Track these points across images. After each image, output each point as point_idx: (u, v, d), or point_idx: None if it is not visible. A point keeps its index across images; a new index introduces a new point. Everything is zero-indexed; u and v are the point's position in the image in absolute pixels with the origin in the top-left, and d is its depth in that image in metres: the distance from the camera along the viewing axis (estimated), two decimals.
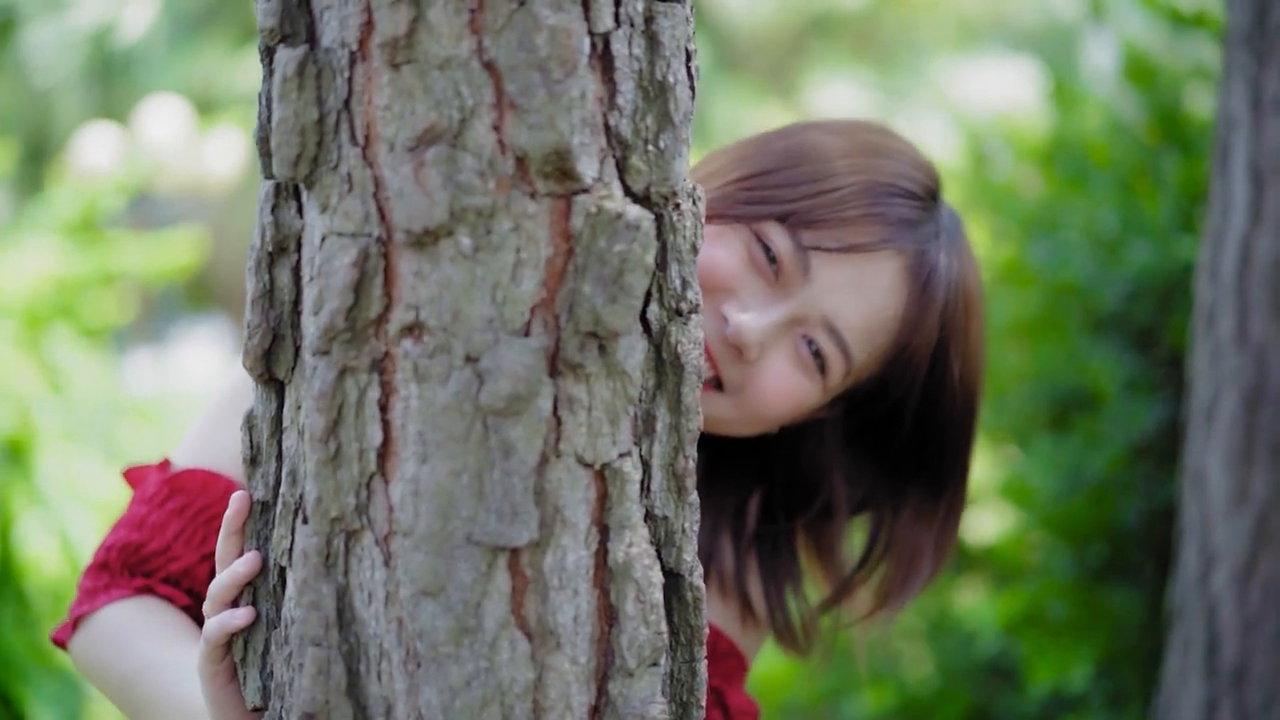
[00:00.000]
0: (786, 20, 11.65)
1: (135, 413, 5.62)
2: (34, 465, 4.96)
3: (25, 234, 5.50)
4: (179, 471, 2.03)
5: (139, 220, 7.12)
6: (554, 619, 1.58)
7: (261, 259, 1.66)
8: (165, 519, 2.00)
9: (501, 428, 1.55)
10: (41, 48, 10.48)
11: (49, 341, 5.27)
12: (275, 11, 1.61)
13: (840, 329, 2.00)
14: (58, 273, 5.32)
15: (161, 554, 1.99)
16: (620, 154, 1.60)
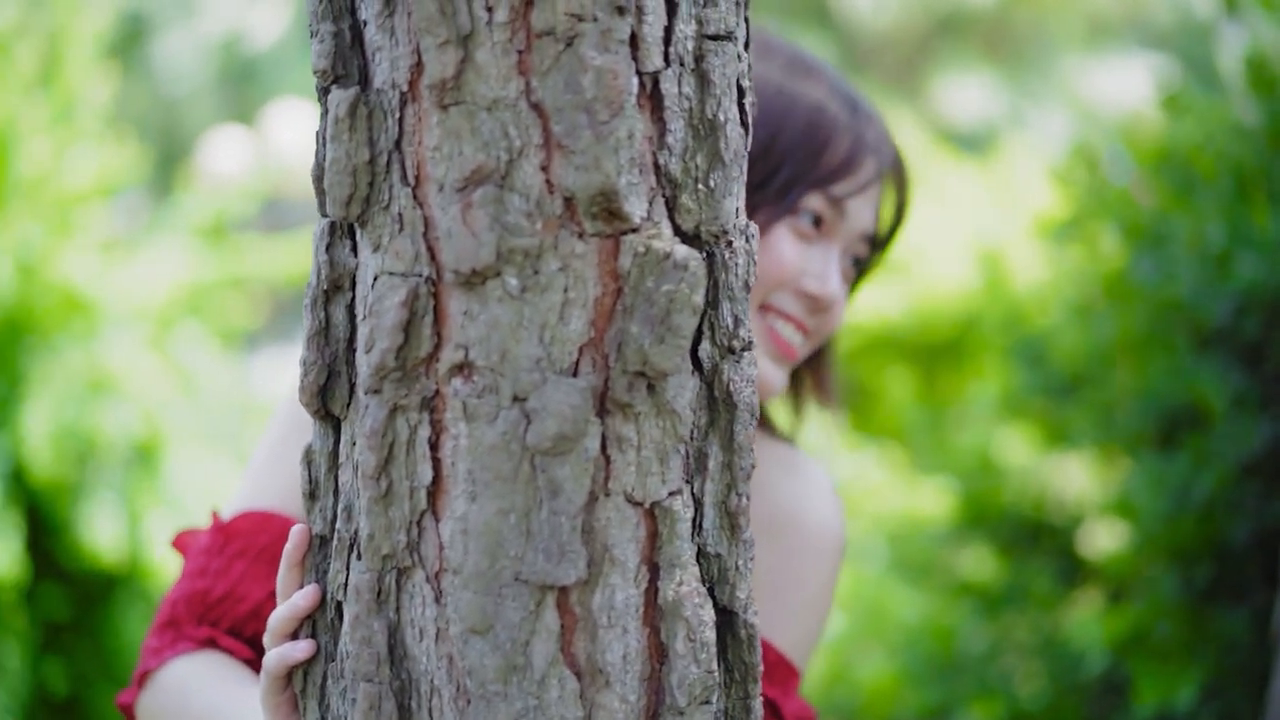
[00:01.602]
0: (913, 20, 11.55)
1: (265, 414, 5.70)
2: (163, 467, 5.05)
3: (158, 237, 5.60)
4: (234, 517, 2.06)
5: (269, 223, 7.24)
6: (603, 657, 1.59)
7: (317, 296, 1.68)
8: (227, 564, 2.03)
9: (549, 467, 1.56)
10: (172, 55, 10.67)
11: (180, 344, 5.36)
12: (328, 53, 1.63)
13: (870, 233, 2.27)
14: (189, 276, 5.40)
15: (227, 598, 2.02)
16: (670, 193, 1.59)
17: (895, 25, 11.76)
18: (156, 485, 5.00)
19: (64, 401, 4.83)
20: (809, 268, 2.18)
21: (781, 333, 2.17)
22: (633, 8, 1.55)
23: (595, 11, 1.53)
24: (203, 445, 5.27)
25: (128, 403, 4.98)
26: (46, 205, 5.11)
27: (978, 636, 3.84)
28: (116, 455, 4.97)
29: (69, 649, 5.13)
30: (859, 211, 2.22)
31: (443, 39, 1.55)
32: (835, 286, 2.19)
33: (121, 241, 5.51)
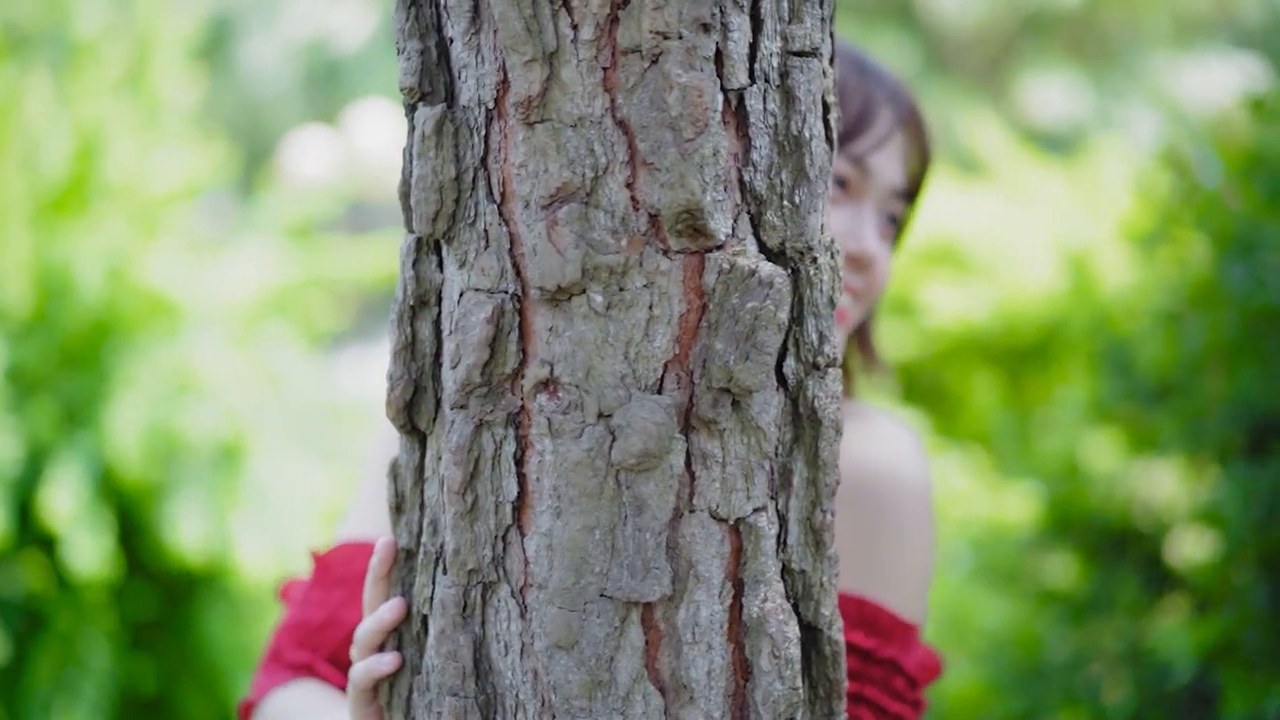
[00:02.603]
0: (998, 19, 11.46)
1: (349, 415, 5.74)
2: (247, 467, 5.09)
3: (244, 238, 5.65)
4: (330, 550, 2.10)
5: (355, 225, 7.27)
6: (687, 674, 1.59)
7: (403, 312, 1.69)
8: (326, 593, 2.07)
9: (634, 483, 1.56)
10: (257, 58, 10.74)
11: (265, 345, 5.40)
12: (415, 70, 1.64)
13: (901, 188, 2.26)
14: (275, 277, 5.45)
15: (328, 625, 2.05)
16: (755, 210, 1.59)
17: (980, 25, 11.67)
18: (240, 485, 5.04)
19: (151, 402, 4.88)
20: (842, 229, 2.19)
21: None
22: (718, 25, 1.55)
23: (680, 29, 1.53)
24: (287, 445, 5.31)
25: (213, 403, 5.03)
26: (134, 207, 5.16)
27: (1063, 644, 3.81)
28: (201, 456, 5.01)
29: (157, 648, 5.19)
30: (883, 167, 2.22)
31: (528, 57, 1.55)
32: (871, 243, 2.20)
33: (208, 242, 5.56)
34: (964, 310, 4.95)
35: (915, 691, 2.11)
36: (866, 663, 2.01)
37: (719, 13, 1.55)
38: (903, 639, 2.11)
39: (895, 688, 2.08)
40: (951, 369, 5.12)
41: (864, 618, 2.03)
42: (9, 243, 4.88)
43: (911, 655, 2.11)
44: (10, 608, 4.89)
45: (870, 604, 2.08)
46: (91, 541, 4.67)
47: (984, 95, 11.01)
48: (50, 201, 5.06)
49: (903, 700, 2.07)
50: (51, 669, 4.85)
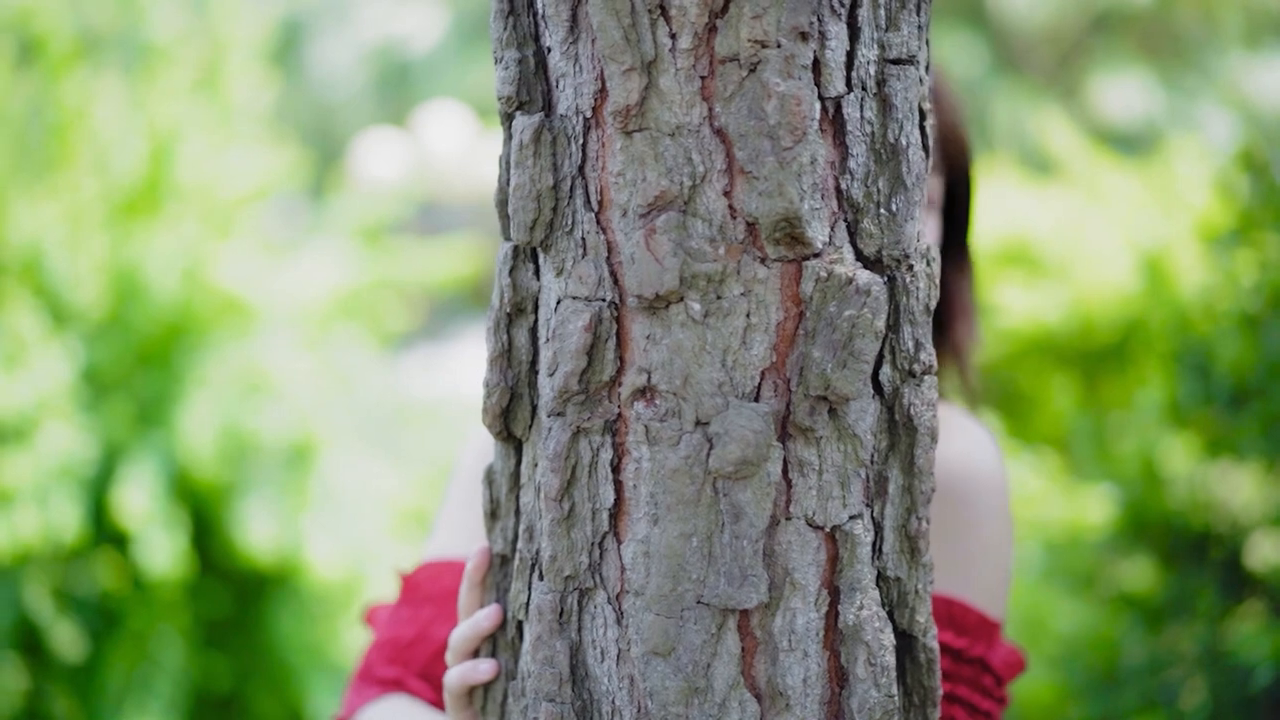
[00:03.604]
0: (1068, 18, 11.38)
1: (418, 415, 5.77)
2: (318, 468, 5.12)
3: (315, 240, 5.68)
4: (417, 568, 2.12)
5: (426, 227, 7.29)
6: (783, 681, 1.59)
7: (500, 319, 1.70)
8: (415, 610, 2.09)
9: (731, 491, 1.56)
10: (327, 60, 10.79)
11: (336, 346, 5.43)
12: (513, 79, 1.65)
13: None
14: (347, 279, 5.48)
15: (418, 641, 2.06)
16: (852, 218, 1.59)
17: (1050, 23, 11.59)
18: (311, 486, 5.07)
19: (223, 402, 4.92)
20: None
21: None
22: (816, 33, 1.55)
23: (779, 38, 1.54)
24: (357, 446, 5.34)
25: (284, 404, 5.06)
26: (207, 209, 5.20)
27: (1140, 649, 3.78)
28: (273, 456, 5.05)
29: (228, 646, 5.22)
30: None
31: (627, 66, 1.56)
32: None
33: (280, 244, 5.59)
34: (1037, 311, 4.92)
35: (1001, 688, 2.11)
36: (957, 662, 2.01)
37: (817, 21, 1.55)
38: (988, 637, 2.11)
39: (984, 685, 2.08)
40: (1025, 370, 5.10)
41: (951, 617, 2.03)
42: (84, 244, 4.93)
43: (997, 652, 2.11)
44: (85, 606, 4.93)
45: (957, 603, 2.08)
46: (165, 540, 4.71)
47: (1053, 94, 10.93)
48: (125, 204, 5.11)
49: (991, 697, 2.08)
50: (125, 667, 4.90)
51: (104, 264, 4.97)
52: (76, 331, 4.94)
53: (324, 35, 10.55)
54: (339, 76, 10.58)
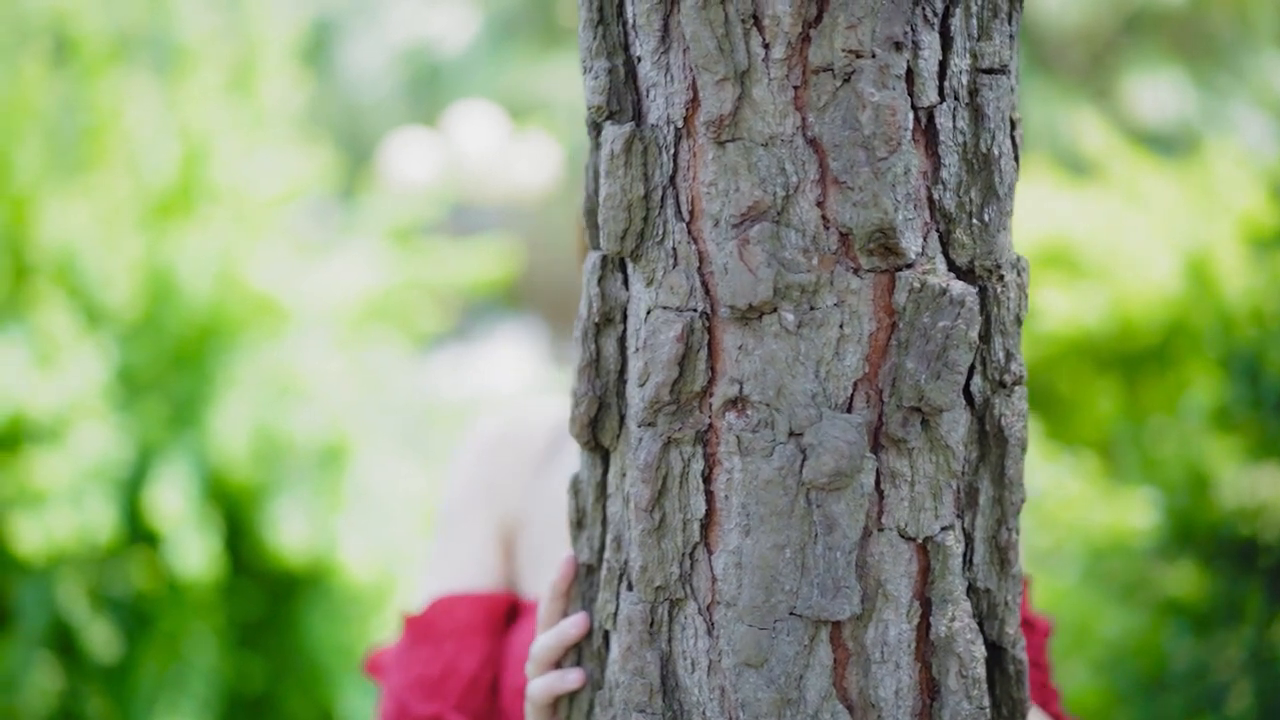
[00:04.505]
0: (1101, 18, 11.34)
1: (449, 415, 5.76)
2: (350, 469, 5.12)
3: (347, 241, 5.68)
4: (426, 608, 2.14)
5: (458, 228, 7.28)
6: (875, 692, 1.59)
7: (588, 329, 1.69)
8: (436, 647, 2.11)
9: (825, 502, 1.56)
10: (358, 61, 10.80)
11: (368, 347, 5.43)
12: (603, 89, 1.65)
13: None
14: (379, 280, 5.47)
15: (448, 675, 2.08)
16: (944, 228, 1.59)
17: (1082, 23, 11.53)
18: (344, 487, 5.07)
19: (256, 403, 4.92)
20: None
21: None
22: (910, 43, 1.55)
23: (873, 48, 1.53)
24: (389, 447, 5.33)
25: (316, 405, 5.06)
26: (240, 211, 5.21)
27: (1185, 655, 3.77)
28: (305, 457, 5.05)
29: (261, 647, 5.23)
30: None
31: (720, 76, 1.55)
32: None
33: (312, 245, 5.59)
34: (1077, 314, 4.91)
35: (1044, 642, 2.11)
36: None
37: (910, 31, 1.55)
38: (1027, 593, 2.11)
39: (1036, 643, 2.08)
40: (1064, 373, 5.08)
41: None
42: (117, 245, 4.94)
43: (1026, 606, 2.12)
44: (119, 606, 4.94)
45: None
46: (199, 541, 4.72)
47: (1086, 95, 10.88)
48: (158, 205, 5.11)
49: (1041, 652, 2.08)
50: (158, 667, 4.90)
51: (137, 265, 4.97)
52: (110, 332, 4.95)
53: (355, 36, 10.54)
54: (370, 77, 10.57)
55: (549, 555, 2.19)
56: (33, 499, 4.63)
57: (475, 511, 2.22)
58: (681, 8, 1.57)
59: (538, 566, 2.20)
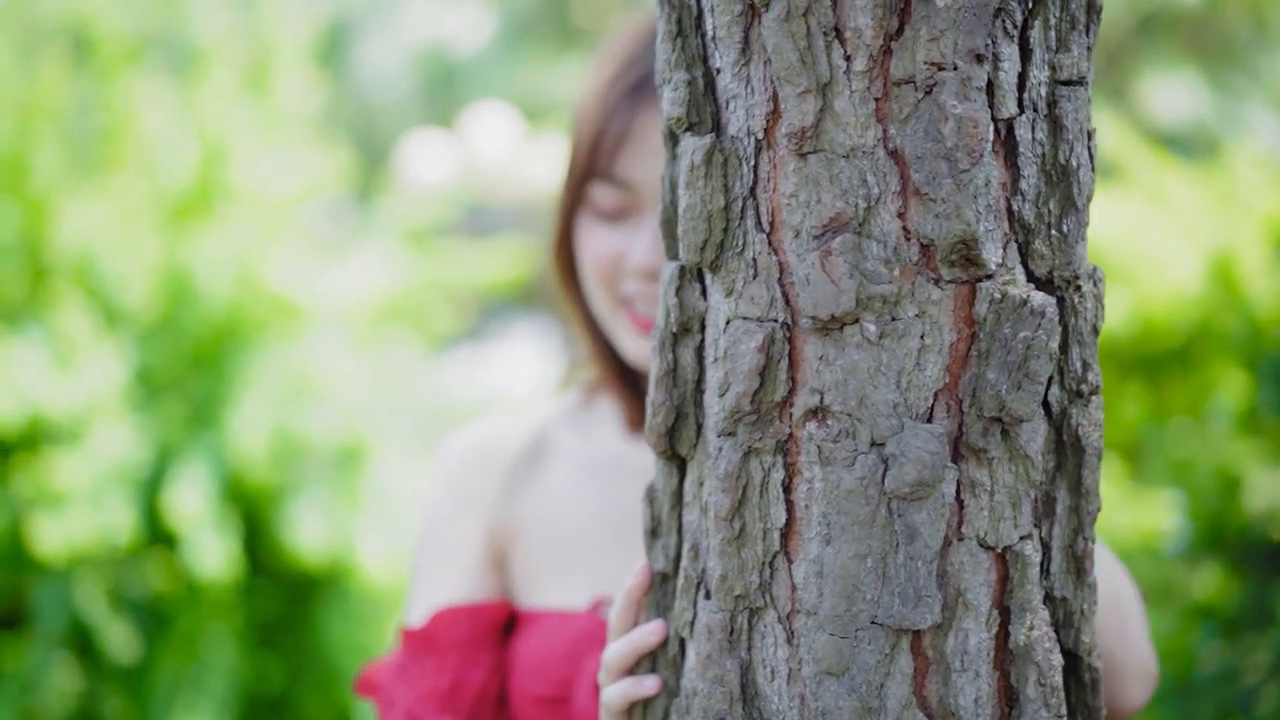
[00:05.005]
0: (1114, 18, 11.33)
1: (465, 416, 5.76)
2: (367, 470, 5.13)
3: (364, 242, 5.69)
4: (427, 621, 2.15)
5: (474, 229, 7.28)
6: (955, 701, 1.60)
7: (665, 339, 1.70)
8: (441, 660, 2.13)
9: (906, 511, 1.57)
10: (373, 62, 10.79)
11: (385, 348, 5.43)
12: (683, 100, 1.66)
13: None
14: (395, 281, 5.48)
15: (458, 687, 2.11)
16: (1023, 239, 1.60)
17: None
18: (361, 488, 5.08)
19: (273, 404, 4.93)
20: (626, 246, 2.16)
21: (637, 309, 2.15)
22: (990, 55, 1.55)
23: (955, 60, 1.54)
24: (406, 448, 5.34)
25: (333, 406, 5.07)
26: (257, 211, 5.21)
27: (1215, 658, 3.78)
28: (323, 458, 5.06)
29: (278, 648, 5.23)
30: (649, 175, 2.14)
31: (803, 88, 1.56)
32: (644, 254, 2.12)
33: (328, 246, 5.60)
34: None
35: None
36: None
37: (991, 43, 1.56)
38: None
39: None
40: None
41: None
42: (135, 246, 4.94)
43: None
44: (137, 607, 4.95)
45: None
46: (217, 542, 4.72)
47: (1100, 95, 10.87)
48: (176, 206, 5.12)
49: None
50: (176, 668, 4.91)
51: (155, 266, 4.98)
52: (128, 333, 4.96)
53: (369, 37, 10.52)
54: (385, 78, 10.56)
55: (548, 564, 2.20)
56: (52, 500, 4.64)
57: (462, 524, 2.23)
58: (763, 20, 1.58)
59: (537, 576, 2.21)
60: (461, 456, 2.28)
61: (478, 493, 2.24)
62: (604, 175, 2.15)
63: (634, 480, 2.21)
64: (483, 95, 8.64)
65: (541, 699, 2.12)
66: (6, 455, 4.79)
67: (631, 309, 2.16)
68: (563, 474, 2.25)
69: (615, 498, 2.21)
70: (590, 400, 2.33)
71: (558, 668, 2.12)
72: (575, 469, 2.26)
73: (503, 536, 2.22)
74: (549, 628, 2.15)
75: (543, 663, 2.13)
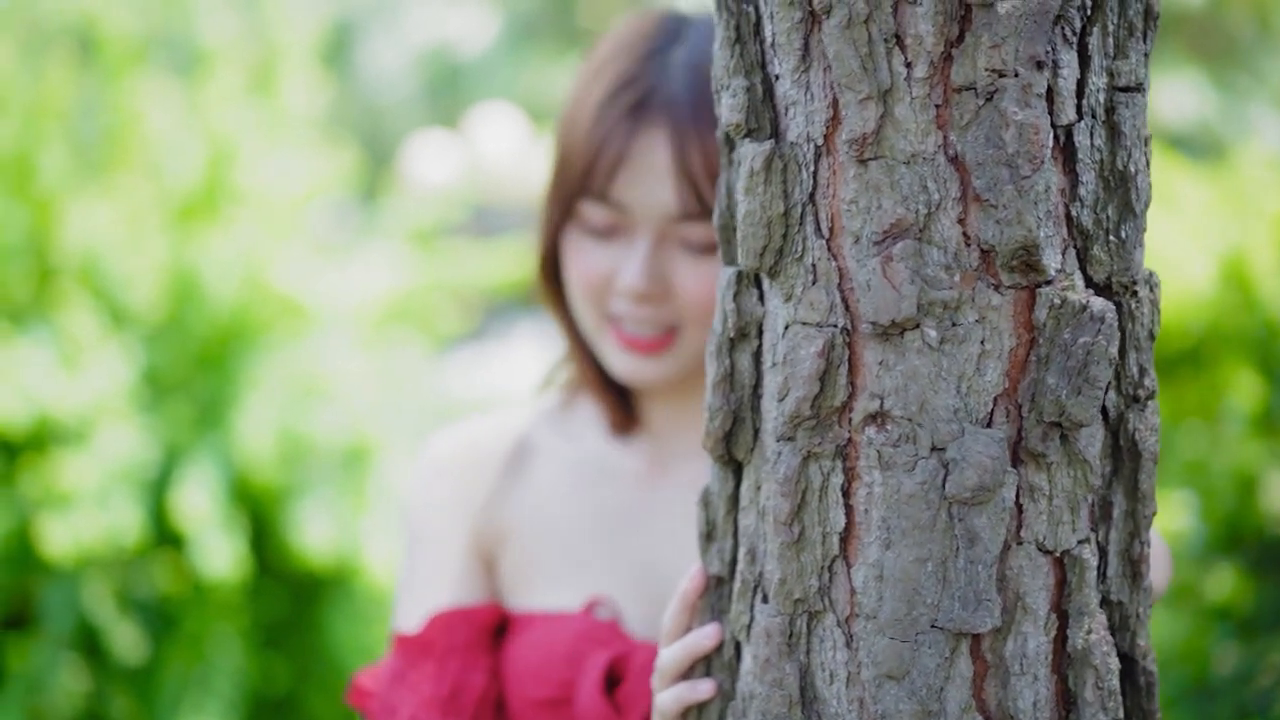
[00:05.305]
0: None
1: (469, 416, 5.75)
2: (373, 471, 5.13)
3: (369, 243, 5.69)
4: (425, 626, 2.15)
5: (479, 229, 7.27)
6: (1014, 704, 1.61)
7: (723, 344, 1.71)
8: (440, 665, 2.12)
9: (967, 516, 1.58)
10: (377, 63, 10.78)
11: (392, 349, 5.43)
12: (741, 107, 1.66)
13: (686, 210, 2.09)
14: (401, 282, 5.48)
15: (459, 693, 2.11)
16: (1081, 244, 1.61)
17: None
18: (366, 489, 5.08)
19: (279, 405, 4.93)
20: (616, 265, 2.13)
21: (625, 328, 2.13)
22: (1050, 62, 1.56)
23: (1016, 66, 1.55)
24: (411, 450, 5.34)
25: (340, 407, 5.07)
26: (263, 212, 5.21)
27: (1231, 660, 3.80)
28: (329, 458, 5.06)
29: (286, 648, 5.24)
30: (644, 198, 2.11)
31: (864, 94, 1.57)
32: (634, 278, 2.10)
33: (334, 247, 5.60)
34: None
35: None
36: None
37: (1051, 49, 1.56)
38: None
39: None
40: None
41: None
42: (141, 247, 4.94)
43: None
44: (144, 608, 4.94)
45: None
46: (224, 543, 4.72)
47: None
48: (182, 207, 5.11)
49: None
50: (183, 668, 4.91)
51: (162, 266, 4.97)
52: (135, 334, 4.95)
53: (374, 37, 10.51)
54: (389, 79, 10.55)
55: (537, 566, 2.20)
56: (59, 501, 4.63)
57: (450, 528, 2.22)
58: (824, 27, 1.59)
59: (526, 578, 2.21)
60: (447, 460, 2.26)
61: (465, 496, 2.23)
62: (598, 196, 2.12)
63: (619, 482, 2.22)
64: (487, 96, 8.63)
65: (542, 702, 2.12)
66: (13, 456, 4.78)
67: (619, 327, 2.14)
68: (548, 477, 2.25)
69: (601, 500, 2.22)
70: (571, 402, 2.31)
71: (557, 670, 2.11)
72: (560, 471, 2.25)
73: (491, 539, 2.22)
74: (544, 630, 2.15)
75: (541, 665, 2.12)
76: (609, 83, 2.13)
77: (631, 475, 2.23)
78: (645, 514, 2.21)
